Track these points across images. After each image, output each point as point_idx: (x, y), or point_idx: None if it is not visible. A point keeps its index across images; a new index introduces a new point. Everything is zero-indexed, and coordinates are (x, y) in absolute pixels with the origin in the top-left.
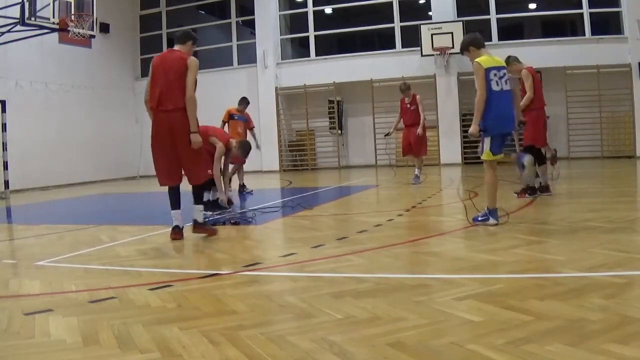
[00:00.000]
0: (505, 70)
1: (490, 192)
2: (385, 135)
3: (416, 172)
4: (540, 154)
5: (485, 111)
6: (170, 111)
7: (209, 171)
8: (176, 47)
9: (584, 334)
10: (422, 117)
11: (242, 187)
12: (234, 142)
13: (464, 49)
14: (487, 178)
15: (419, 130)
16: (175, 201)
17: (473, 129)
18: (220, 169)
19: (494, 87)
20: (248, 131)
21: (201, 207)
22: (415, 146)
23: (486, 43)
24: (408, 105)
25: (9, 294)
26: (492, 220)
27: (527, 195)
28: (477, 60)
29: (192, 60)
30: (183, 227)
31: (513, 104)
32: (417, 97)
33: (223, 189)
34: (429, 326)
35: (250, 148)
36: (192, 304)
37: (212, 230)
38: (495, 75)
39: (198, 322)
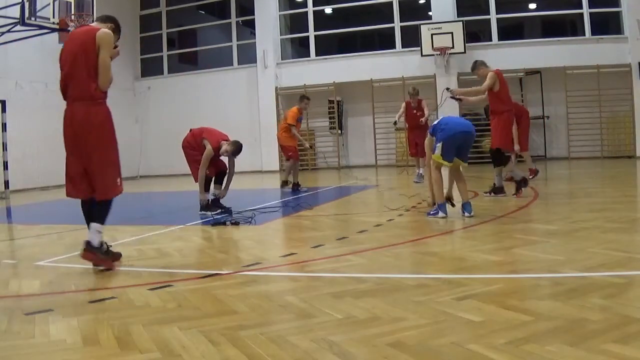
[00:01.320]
0: None
1: (436, 188)
2: (394, 123)
3: (419, 171)
4: (502, 155)
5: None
6: (73, 100)
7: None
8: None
9: (584, 334)
10: (426, 116)
11: (296, 185)
12: (224, 144)
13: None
14: (433, 176)
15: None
16: (87, 216)
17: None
18: (226, 169)
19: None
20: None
21: (99, 226)
22: (421, 147)
23: (486, 43)
24: (415, 111)
25: (9, 294)
26: (440, 214)
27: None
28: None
29: (103, 33)
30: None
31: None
32: (423, 102)
33: (204, 190)
34: (429, 326)
35: (239, 148)
36: (192, 304)
37: (108, 261)
38: None
39: (198, 322)
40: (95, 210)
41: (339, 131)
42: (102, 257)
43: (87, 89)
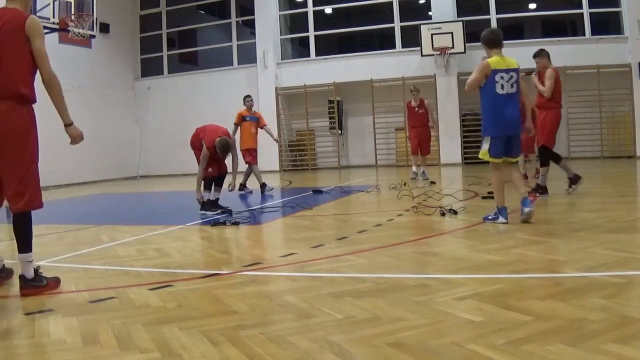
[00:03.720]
0: (514, 73)
1: (496, 192)
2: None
3: (422, 170)
4: (550, 152)
5: (486, 113)
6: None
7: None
8: (10, 5)
9: (584, 334)
10: (436, 119)
11: (242, 186)
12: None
13: (481, 42)
14: (493, 179)
15: (433, 132)
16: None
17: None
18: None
19: (498, 90)
20: (263, 130)
21: (30, 256)
22: (424, 145)
23: None
24: (416, 109)
25: (9, 294)
26: (501, 219)
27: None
28: (488, 60)
29: (32, 20)
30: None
31: (519, 107)
32: (425, 101)
33: (201, 189)
34: (429, 326)
35: (226, 147)
36: (192, 304)
37: (50, 285)
38: (502, 78)
39: (198, 322)
40: (18, 235)
41: (339, 131)
42: (39, 286)
43: (11, 88)
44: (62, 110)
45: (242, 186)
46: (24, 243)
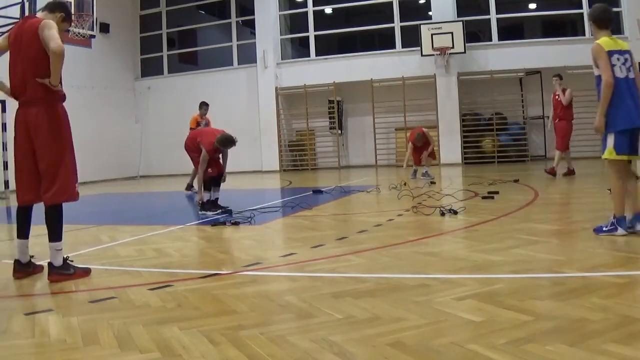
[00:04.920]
0: (628, 55)
1: (616, 199)
2: (403, 184)
3: (426, 169)
4: None
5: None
6: (24, 104)
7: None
8: (40, 15)
9: (584, 334)
10: (431, 147)
11: (190, 186)
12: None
13: (589, 20)
14: (613, 183)
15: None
16: (22, 227)
17: (598, 122)
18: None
19: (617, 74)
20: None
21: (59, 244)
22: (426, 160)
23: (486, 43)
24: (421, 148)
25: (8, 294)
26: (620, 231)
27: None
28: (597, 42)
29: (45, 23)
30: (30, 261)
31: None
32: (425, 131)
33: (202, 189)
34: (429, 326)
35: (230, 140)
36: (192, 304)
37: (77, 274)
38: (618, 59)
39: (198, 322)
40: (49, 226)
41: (339, 131)
42: (67, 273)
43: (38, 92)
44: (55, 73)
45: (190, 186)
46: (53, 232)
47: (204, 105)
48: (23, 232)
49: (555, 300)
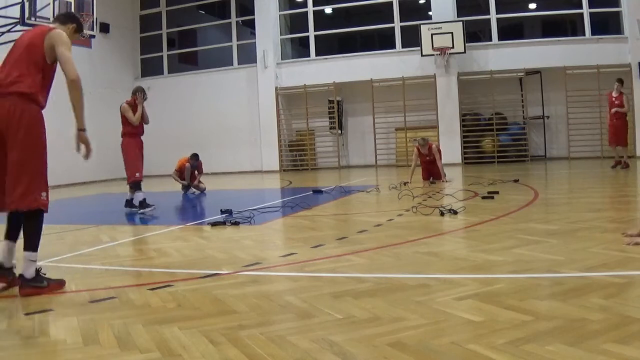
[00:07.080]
0: None
1: None
2: (404, 184)
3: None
4: None
5: None
6: (6, 95)
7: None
8: (52, 26)
9: (584, 334)
10: (441, 168)
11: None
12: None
13: None
14: None
15: (442, 179)
16: (9, 228)
17: None
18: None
19: None
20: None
21: (33, 254)
22: (436, 175)
23: (486, 43)
24: (427, 158)
25: (9, 294)
26: None
27: None
28: None
29: (55, 31)
30: (12, 267)
31: None
32: (433, 146)
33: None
34: (429, 326)
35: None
36: (192, 304)
37: (51, 287)
38: None
39: (198, 322)
40: (24, 234)
41: (339, 131)
42: (40, 286)
43: (25, 85)
44: (78, 113)
45: (187, 187)
46: (28, 240)
47: (194, 157)
48: (9, 233)
49: (555, 300)
